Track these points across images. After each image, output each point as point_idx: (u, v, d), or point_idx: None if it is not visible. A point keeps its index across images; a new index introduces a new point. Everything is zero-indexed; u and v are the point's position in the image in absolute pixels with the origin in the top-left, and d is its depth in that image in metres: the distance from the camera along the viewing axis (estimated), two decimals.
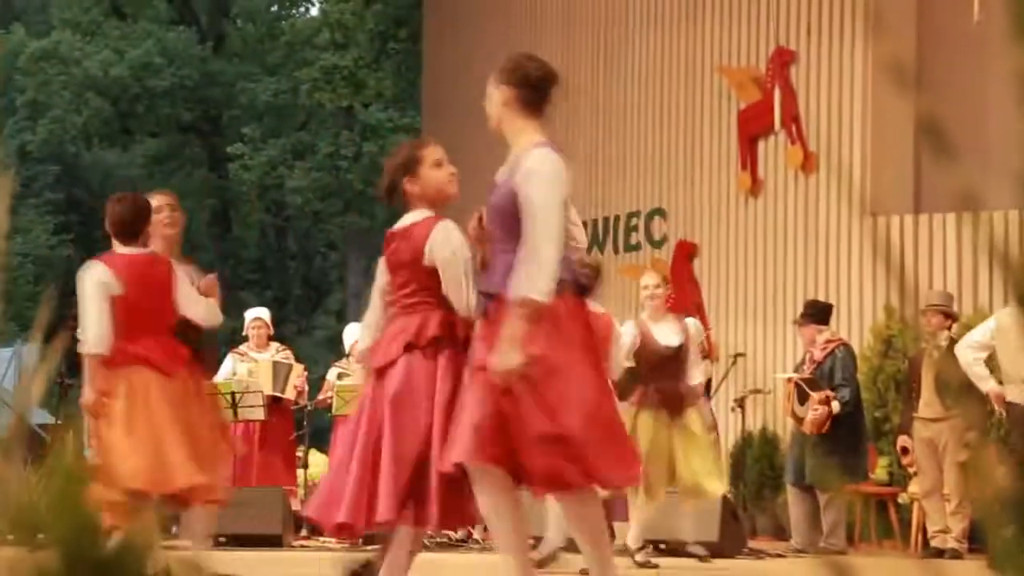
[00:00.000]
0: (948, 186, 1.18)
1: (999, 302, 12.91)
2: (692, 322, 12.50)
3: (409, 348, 5.68)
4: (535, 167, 5.27)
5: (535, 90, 5.46)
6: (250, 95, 36.94)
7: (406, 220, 5.86)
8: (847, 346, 12.41)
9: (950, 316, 11.80)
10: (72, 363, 8.13)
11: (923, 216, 14.43)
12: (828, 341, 12.18)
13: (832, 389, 11.91)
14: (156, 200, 7.62)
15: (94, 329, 7.05)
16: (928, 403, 11.63)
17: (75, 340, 7.18)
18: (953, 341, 11.67)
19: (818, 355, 12.11)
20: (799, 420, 12.05)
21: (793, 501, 12.29)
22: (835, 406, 11.83)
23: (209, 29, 39.29)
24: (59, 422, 12.35)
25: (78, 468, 1.47)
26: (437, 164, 5.81)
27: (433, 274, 5.74)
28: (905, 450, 11.90)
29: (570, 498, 5.38)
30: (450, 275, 5.70)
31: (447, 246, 5.71)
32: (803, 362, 12.37)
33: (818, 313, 12.32)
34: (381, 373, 5.73)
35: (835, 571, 1.28)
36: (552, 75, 5.52)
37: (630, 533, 9.85)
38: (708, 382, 12.62)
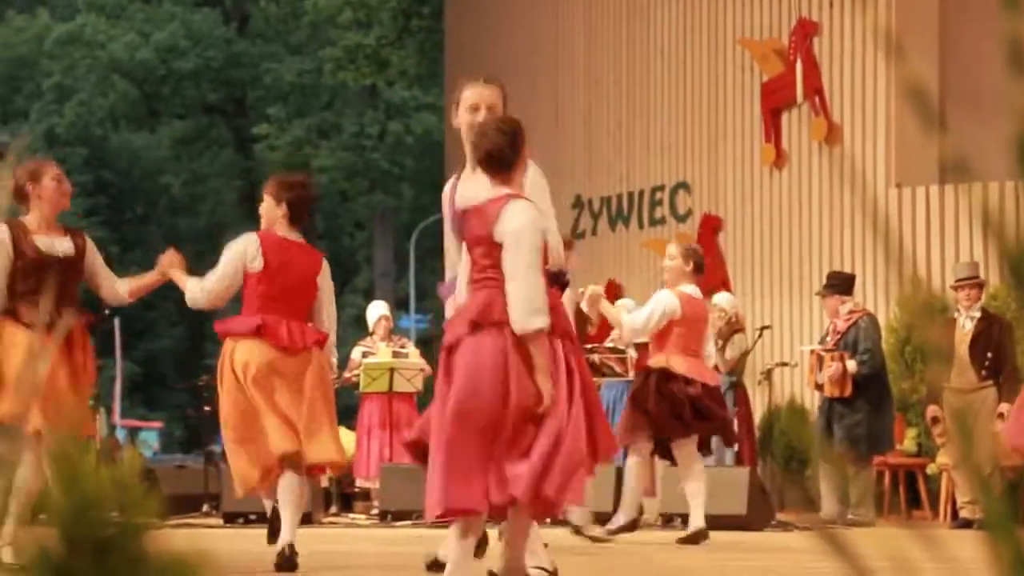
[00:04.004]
0: (938, 155, 1.18)
1: None
2: (725, 297, 12.50)
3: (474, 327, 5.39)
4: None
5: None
6: (274, 75, 36.97)
7: (487, 193, 5.48)
8: (871, 315, 12.36)
9: (981, 286, 11.78)
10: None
11: (948, 187, 14.37)
12: (851, 312, 12.14)
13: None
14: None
15: None
16: (960, 373, 11.58)
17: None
18: (985, 311, 11.64)
19: (841, 326, 12.08)
20: (821, 388, 12.06)
21: (821, 473, 12.28)
22: (850, 365, 11.81)
23: (233, 10, 39.35)
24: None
25: (78, 448, 1.48)
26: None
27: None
28: (935, 420, 11.86)
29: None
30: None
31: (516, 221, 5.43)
32: (827, 333, 12.35)
33: (841, 284, 12.28)
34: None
35: (831, 544, 1.29)
36: None
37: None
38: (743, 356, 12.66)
